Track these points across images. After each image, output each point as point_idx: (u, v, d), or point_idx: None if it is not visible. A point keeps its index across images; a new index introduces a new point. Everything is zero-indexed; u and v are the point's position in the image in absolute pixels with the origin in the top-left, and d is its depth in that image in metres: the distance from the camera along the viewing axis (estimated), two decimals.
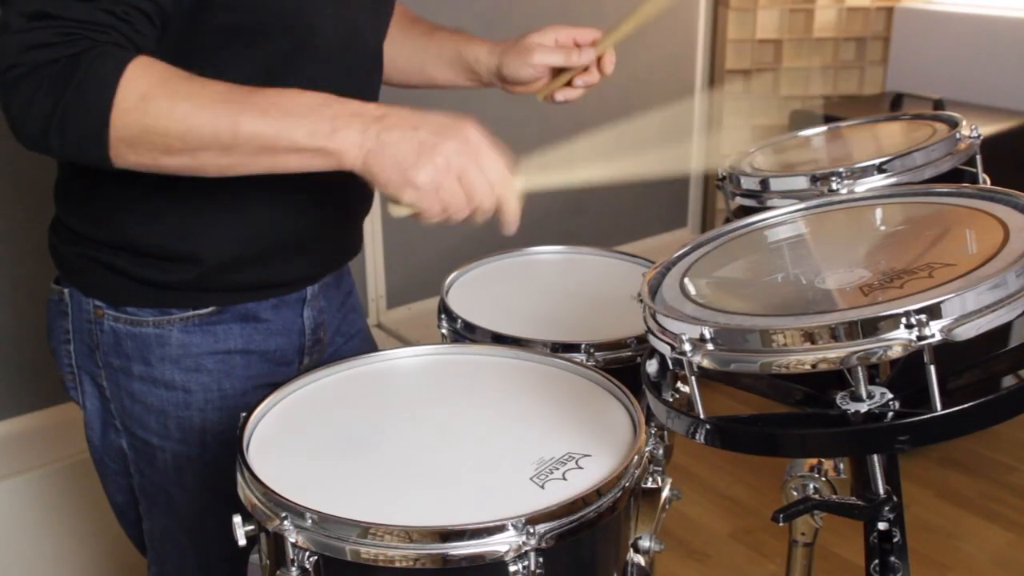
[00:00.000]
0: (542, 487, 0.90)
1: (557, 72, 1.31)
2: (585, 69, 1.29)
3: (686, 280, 0.99)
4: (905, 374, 0.91)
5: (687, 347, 0.84)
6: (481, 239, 2.73)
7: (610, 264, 1.52)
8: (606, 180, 1.05)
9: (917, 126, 1.36)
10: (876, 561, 0.98)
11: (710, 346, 0.83)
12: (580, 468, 0.93)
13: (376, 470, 0.95)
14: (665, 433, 1.19)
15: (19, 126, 0.93)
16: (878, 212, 1.08)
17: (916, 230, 1.01)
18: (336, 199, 1.20)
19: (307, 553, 0.85)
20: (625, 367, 1.20)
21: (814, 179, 1.19)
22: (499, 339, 1.23)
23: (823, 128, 1.50)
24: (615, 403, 1.05)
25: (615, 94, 2.91)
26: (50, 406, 2.07)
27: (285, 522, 0.86)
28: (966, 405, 0.77)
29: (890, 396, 0.89)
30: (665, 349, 0.87)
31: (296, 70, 1.06)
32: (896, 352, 0.76)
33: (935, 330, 0.75)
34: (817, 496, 1.07)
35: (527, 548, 0.82)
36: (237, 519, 0.92)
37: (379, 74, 1.24)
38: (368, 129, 0.94)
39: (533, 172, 1.04)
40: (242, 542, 0.93)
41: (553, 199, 2.88)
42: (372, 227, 2.53)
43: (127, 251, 1.11)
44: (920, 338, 0.75)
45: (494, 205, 0.98)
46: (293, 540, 0.85)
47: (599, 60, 1.30)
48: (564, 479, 0.91)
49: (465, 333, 1.27)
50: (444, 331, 1.31)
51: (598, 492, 0.87)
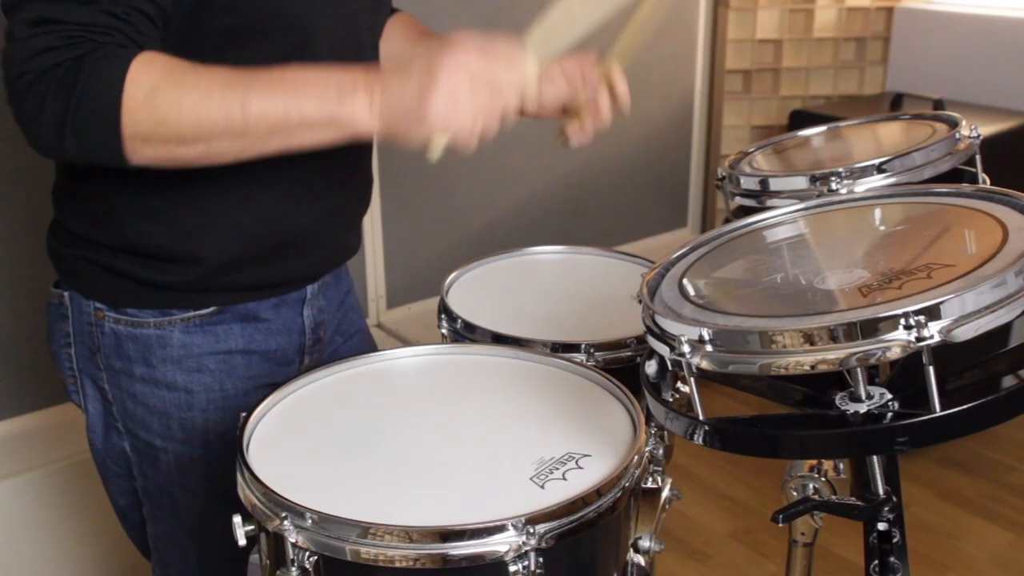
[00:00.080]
0: (542, 487, 0.90)
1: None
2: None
3: (685, 281, 0.99)
4: (904, 375, 0.91)
5: (686, 349, 0.84)
6: (481, 239, 2.74)
7: (610, 264, 1.52)
8: (611, 14, 1.03)
9: (917, 126, 1.36)
10: (876, 561, 0.98)
11: (709, 347, 0.83)
12: (580, 468, 0.93)
13: (376, 470, 0.95)
14: (665, 433, 1.19)
15: (34, 135, 0.93)
16: (877, 212, 1.08)
17: (915, 230, 1.01)
18: (335, 197, 1.20)
19: (307, 553, 0.86)
20: (625, 367, 1.20)
21: (814, 179, 1.19)
22: (499, 339, 1.23)
23: (823, 128, 1.50)
24: (615, 403, 1.05)
25: None
26: (50, 406, 2.07)
27: (285, 522, 0.86)
28: (965, 406, 0.77)
29: (889, 397, 0.89)
30: (664, 350, 0.87)
31: None
32: (895, 353, 0.76)
33: (934, 331, 0.75)
34: (817, 496, 1.07)
35: (527, 548, 0.82)
36: (237, 519, 0.92)
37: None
38: (372, 89, 0.94)
39: (541, 44, 1.03)
40: (242, 542, 0.93)
41: (553, 199, 2.89)
42: (372, 227, 2.53)
43: (127, 252, 1.11)
44: (919, 339, 0.75)
45: (517, 92, 0.97)
46: (293, 540, 0.85)
47: (610, 89, 1.22)
48: (564, 479, 0.91)
49: (465, 333, 1.27)
50: (444, 331, 1.31)
51: (598, 492, 0.88)
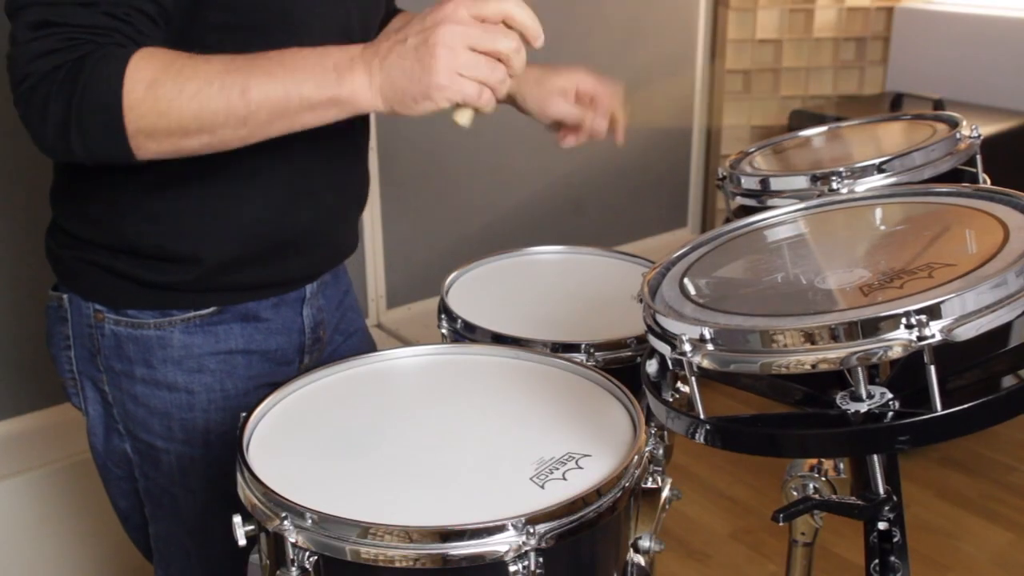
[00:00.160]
0: (542, 487, 0.90)
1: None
2: None
3: (686, 280, 0.99)
4: (905, 374, 0.91)
5: (687, 348, 0.83)
6: (481, 239, 2.74)
7: (610, 264, 1.52)
8: None
9: (917, 126, 1.36)
10: (876, 561, 0.98)
11: (710, 347, 0.83)
12: (580, 468, 0.93)
13: (376, 470, 0.95)
14: (665, 433, 1.19)
15: (40, 136, 0.94)
16: (878, 212, 1.08)
17: (916, 230, 1.01)
18: (333, 196, 1.20)
19: (307, 553, 0.85)
20: (625, 367, 1.20)
21: (814, 179, 1.19)
22: (499, 339, 1.23)
23: (823, 128, 1.50)
24: (615, 403, 1.05)
25: None
26: (50, 406, 2.07)
27: (285, 522, 0.86)
28: (966, 405, 0.77)
29: (890, 396, 0.88)
30: (665, 350, 0.87)
31: None
32: (896, 352, 0.76)
33: (935, 330, 0.75)
34: (817, 496, 1.07)
35: (527, 548, 0.82)
36: (237, 519, 0.92)
37: None
38: (371, 65, 0.94)
39: None
40: (242, 542, 0.93)
41: (553, 199, 2.90)
42: (372, 227, 2.53)
43: (126, 253, 1.11)
44: (920, 338, 0.75)
45: (518, 53, 0.95)
46: (293, 540, 0.85)
47: (612, 121, 1.34)
48: (564, 479, 0.91)
49: (465, 333, 1.27)
50: (444, 331, 1.31)
51: (598, 492, 0.87)
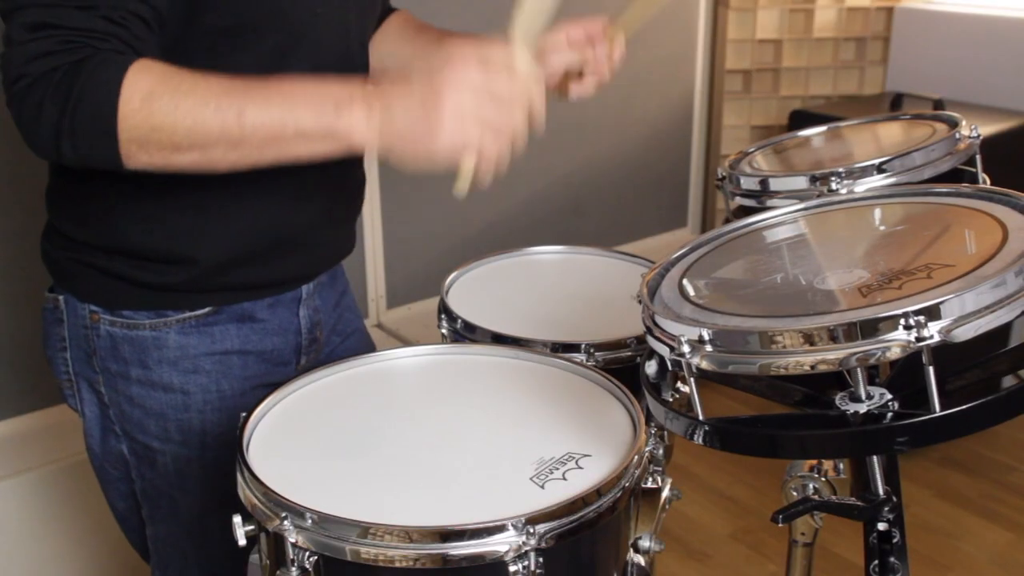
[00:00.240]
0: (542, 487, 0.90)
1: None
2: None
3: (685, 281, 0.99)
4: (904, 375, 0.91)
5: (686, 349, 0.84)
6: (481, 239, 2.74)
7: (610, 264, 1.52)
8: None
9: (917, 126, 1.36)
10: (876, 561, 0.98)
11: (709, 348, 0.83)
12: (580, 468, 0.93)
13: (376, 470, 0.95)
14: (665, 433, 1.19)
15: (31, 137, 0.93)
16: (877, 212, 1.08)
17: (915, 230, 1.01)
18: (330, 197, 1.20)
19: (307, 553, 0.85)
20: (625, 367, 1.20)
21: (814, 179, 1.19)
22: (499, 339, 1.23)
23: (823, 128, 1.50)
24: (615, 403, 1.05)
25: (615, 94, 2.91)
26: (50, 406, 2.07)
27: (285, 522, 0.86)
28: (965, 406, 0.77)
29: (889, 397, 0.89)
30: (664, 351, 0.87)
31: (287, 70, 1.06)
32: (895, 353, 0.76)
33: (934, 331, 0.75)
34: (817, 496, 1.07)
35: (527, 548, 0.82)
36: (237, 519, 0.92)
37: (366, 71, 1.24)
38: (371, 105, 0.93)
39: (525, 32, 1.00)
40: (242, 542, 0.93)
41: (553, 199, 2.90)
42: (372, 227, 2.53)
43: (122, 254, 1.11)
44: (919, 339, 0.75)
45: (526, 104, 0.94)
46: (293, 540, 0.85)
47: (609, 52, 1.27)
48: (564, 479, 0.91)
49: (465, 333, 1.27)
50: (444, 331, 1.31)
51: (598, 492, 0.87)
